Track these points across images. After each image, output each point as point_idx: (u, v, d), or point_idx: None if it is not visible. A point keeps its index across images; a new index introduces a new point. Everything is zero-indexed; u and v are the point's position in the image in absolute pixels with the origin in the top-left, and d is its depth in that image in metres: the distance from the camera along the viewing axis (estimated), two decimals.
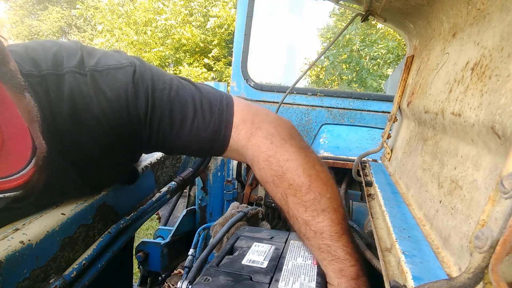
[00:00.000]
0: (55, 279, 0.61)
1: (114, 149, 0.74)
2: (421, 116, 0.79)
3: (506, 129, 0.39)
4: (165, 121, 0.74)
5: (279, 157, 0.73)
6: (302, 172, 0.72)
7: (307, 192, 0.70)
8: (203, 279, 0.66)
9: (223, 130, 0.77)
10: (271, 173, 0.73)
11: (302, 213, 0.70)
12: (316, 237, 0.69)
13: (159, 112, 0.73)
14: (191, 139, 0.77)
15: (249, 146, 0.76)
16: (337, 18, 11.97)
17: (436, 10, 0.77)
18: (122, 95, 0.69)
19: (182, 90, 0.76)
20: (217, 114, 0.77)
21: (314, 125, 2.14)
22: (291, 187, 0.71)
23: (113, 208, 0.84)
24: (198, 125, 0.75)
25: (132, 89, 0.70)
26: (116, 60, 0.72)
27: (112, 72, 0.70)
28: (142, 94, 0.71)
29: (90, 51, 0.72)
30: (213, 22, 10.95)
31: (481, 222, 0.32)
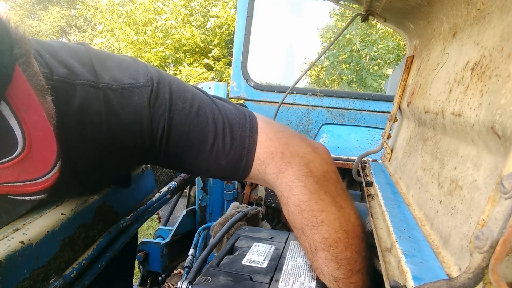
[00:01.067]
0: (55, 279, 0.61)
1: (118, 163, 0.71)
2: (421, 116, 0.79)
3: (506, 129, 0.39)
4: (182, 145, 0.69)
5: (313, 206, 0.66)
6: (339, 227, 0.65)
7: (344, 249, 0.64)
8: (203, 279, 0.66)
9: (244, 159, 0.70)
10: (302, 221, 0.67)
11: (333, 270, 0.64)
12: None
13: (176, 135, 0.68)
14: (210, 165, 0.71)
15: (278, 183, 0.70)
16: (337, 18, 11.97)
17: (436, 10, 0.77)
18: (137, 120, 0.65)
19: (203, 110, 0.70)
20: (239, 140, 0.70)
21: (314, 125, 2.14)
22: (325, 242, 0.65)
23: (113, 208, 0.84)
24: (217, 151, 0.69)
25: (148, 113, 0.65)
26: (132, 76, 0.66)
27: (126, 92, 0.65)
28: (159, 116, 0.66)
29: (103, 60, 0.66)
30: (213, 22, 10.95)
31: (481, 222, 0.32)
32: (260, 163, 0.70)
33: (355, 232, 0.67)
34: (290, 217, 0.69)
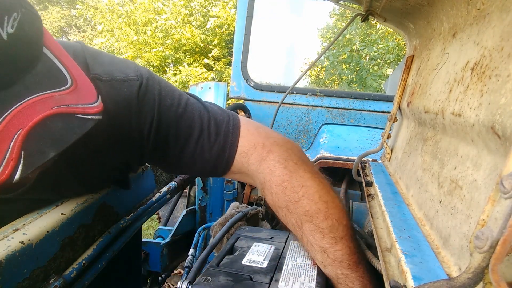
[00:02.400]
0: (55, 279, 0.61)
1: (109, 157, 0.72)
2: (421, 116, 0.79)
3: (506, 129, 0.39)
4: (170, 139, 0.72)
5: (294, 183, 0.71)
6: (319, 199, 0.70)
7: (325, 219, 0.69)
8: (203, 279, 0.66)
9: (227, 152, 0.75)
10: (285, 198, 0.71)
11: (319, 240, 0.69)
12: (334, 265, 0.67)
13: (165, 129, 0.71)
14: (195, 159, 0.75)
15: (260, 170, 0.74)
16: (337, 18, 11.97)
17: (436, 10, 0.77)
18: (125, 110, 0.67)
19: (190, 107, 0.74)
20: (223, 135, 0.75)
21: (314, 125, 2.14)
22: (307, 214, 0.69)
23: (113, 208, 0.84)
24: (203, 145, 0.74)
25: (136, 105, 0.68)
26: (122, 71, 0.69)
27: (116, 84, 0.67)
28: (147, 110, 0.69)
29: (95, 55, 0.68)
30: (213, 22, 10.95)
31: (481, 222, 0.32)
32: (244, 155, 0.75)
33: (334, 202, 0.72)
34: (274, 198, 0.73)
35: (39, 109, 0.42)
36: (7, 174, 0.40)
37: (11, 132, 0.40)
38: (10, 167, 0.40)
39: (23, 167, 0.41)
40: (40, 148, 0.42)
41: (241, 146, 0.75)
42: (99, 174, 0.76)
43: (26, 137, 0.41)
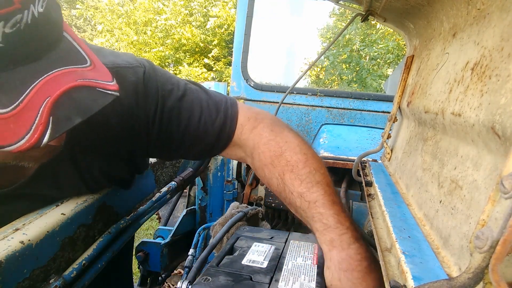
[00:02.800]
0: (55, 279, 0.61)
1: (116, 146, 0.75)
2: (421, 116, 0.79)
3: (506, 129, 0.39)
4: (173, 119, 0.78)
5: (279, 140, 0.80)
6: (299, 151, 0.78)
7: (304, 167, 0.75)
8: (203, 279, 0.66)
9: (229, 124, 0.82)
10: (270, 154, 0.79)
11: (297, 186, 0.74)
12: (310, 207, 0.72)
13: (168, 112, 0.77)
14: (198, 135, 0.80)
15: (251, 136, 0.83)
16: (337, 18, 11.97)
17: (436, 10, 0.77)
18: (132, 94, 0.72)
19: (189, 91, 0.81)
20: (223, 112, 0.82)
21: (314, 125, 2.14)
22: (289, 164, 0.76)
23: (113, 208, 0.84)
24: (205, 121, 0.80)
25: (143, 88, 0.73)
26: (125, 60, 0.74)
27: (121, 71, 0.71)
28: (152, 94, 0.75)
29: (97, 49, 0.73)
30: (213, 22, 10.95)
31: (481, 222, 0.32)
32: (240, 127, 0.83)
33: (314, 155, 0.80)
34: (261, 157, 0.81)
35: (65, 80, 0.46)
36: (37, 137, 0.43)
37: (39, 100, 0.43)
38: (39, 131, 0.43)
39: (51, 132, 0.44)
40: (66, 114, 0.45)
41: (239, 119, 0.84)
42: (101, 168, 0.76)
43: (54, 105, 0.44)
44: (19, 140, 0.43)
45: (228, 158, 1.67)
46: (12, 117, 0.43)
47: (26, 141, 0.43)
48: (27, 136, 0.43)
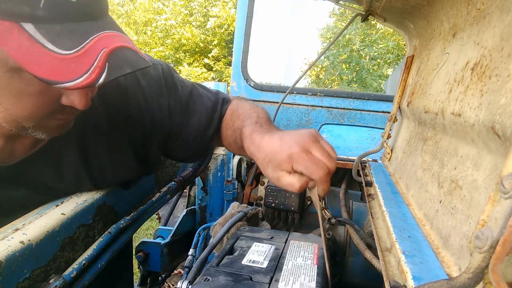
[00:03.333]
0: (55, 279, 0.61)
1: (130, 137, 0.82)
2: (421, 116, 0.79)
3: (506, 129, 0.39)
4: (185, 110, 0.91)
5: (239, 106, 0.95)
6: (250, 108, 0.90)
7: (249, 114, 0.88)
8: (203, 279, 0.66)
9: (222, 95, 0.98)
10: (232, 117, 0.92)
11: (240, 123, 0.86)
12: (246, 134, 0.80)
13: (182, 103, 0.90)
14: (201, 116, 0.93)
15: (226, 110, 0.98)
16: (337, 18, 11.98)
17: (436, 10, 0.77)
18: (155, 88, 0.84)
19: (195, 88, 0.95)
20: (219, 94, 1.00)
21: (314, 125, 2.14)
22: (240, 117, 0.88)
23: (113, 208, 0.84)
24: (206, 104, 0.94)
25: (163, 84, 0.86)
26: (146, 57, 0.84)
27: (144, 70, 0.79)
28: (170, 88, 0.87)
29: None
30: (213, 22, 10.95)
31: (481, 222, 0.32)
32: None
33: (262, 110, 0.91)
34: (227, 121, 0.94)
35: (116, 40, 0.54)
36: (93, 78, 0.50)
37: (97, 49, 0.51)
38: (96, 73, 0.50)
39: (106, 75, 0.51)
40: (118, 64, 0.53)
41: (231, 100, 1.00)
42: (110, 161, 0.79)
43: (109, 55, 0.51)
44: (77, 78, 0.49)
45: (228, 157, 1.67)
46: (74, 58, 0.49)
47: (83, 79, 0.49)
48: (85, 75, 0.49)
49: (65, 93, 0.57)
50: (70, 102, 0.58)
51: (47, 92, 0.55)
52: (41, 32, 0.48)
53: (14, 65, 0.50)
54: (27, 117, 0.57)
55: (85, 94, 0.57)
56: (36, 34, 0.47)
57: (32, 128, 0.60)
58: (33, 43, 0.47)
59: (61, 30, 0.49)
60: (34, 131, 0.61)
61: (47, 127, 0.62)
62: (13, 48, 0.47)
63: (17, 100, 0.55)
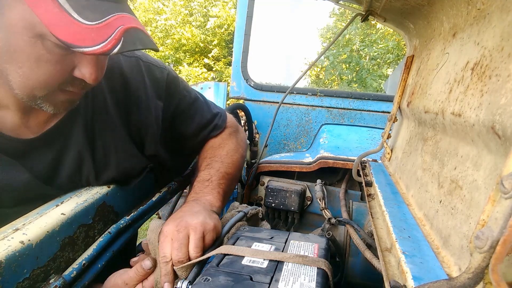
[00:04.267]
0: (55, 279, 0.61)
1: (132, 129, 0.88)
2: (421, 116, 0.79)
3: (506, 129, 0.39)
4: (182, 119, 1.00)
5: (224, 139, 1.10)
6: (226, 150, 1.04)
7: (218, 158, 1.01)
8: (203, 279, 0.66)
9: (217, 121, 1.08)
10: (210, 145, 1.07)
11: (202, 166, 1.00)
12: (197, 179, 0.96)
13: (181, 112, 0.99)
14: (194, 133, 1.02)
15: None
16: (337, 18, 11.98)
17: (436, 10, 0.77)
18: (156, 88, 0.91)
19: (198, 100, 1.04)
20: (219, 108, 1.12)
21: (314, 125, 2.14)
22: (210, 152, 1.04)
23: (113, 208, 0.84)
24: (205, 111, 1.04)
25: (165, 86, 0.93)
26: (155, 60, 0.95)
27: (152, 67, 0.92)
28: (172, 93, 0.96)
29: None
30: (213, 22, 10.95)
31: (481, 222, 0.32)
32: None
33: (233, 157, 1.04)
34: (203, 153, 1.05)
35: (133, 21, 0.61)
36: (110, 47, 0.56)
37: (116, 25, 0.58)
38: (112, 44, 0.57)
39: (120, 47, 0.57)
40: (132, 40, 0.60)
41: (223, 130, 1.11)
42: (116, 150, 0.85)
43: (125, 31, 0.58)
44: (95, 46, 0.56)
45: None
46: (94, 29, 0.56)
47: (100, 47, 0.56)
48: (102, 44, 0.56)
49: (78, 66, 0.63)
50: (81, 75, 0.63)
51: (63, 62, 0.61)
52: (69, 3, 0.55)
53: (40, 31, 0.56)
54: (41, 84, 0.62)
55: (95, 69, 0.63)
56: (65, 4, 0.54)
57: (42, 98, 0.64)
58: (61, 11, 0.54)
59: (86, 4, 0.56)
60: (43, 103, 0.65)
61: (55, 100, 0.66)
62: (43, 12, 0.53)
63: (36, 66, 0.59)
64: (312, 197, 1.43)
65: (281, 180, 1.49)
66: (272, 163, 1.52)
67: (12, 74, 0.60)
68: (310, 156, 1.58)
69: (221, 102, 4.13)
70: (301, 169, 1.46)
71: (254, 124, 2.16)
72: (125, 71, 0.86)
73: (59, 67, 0.61)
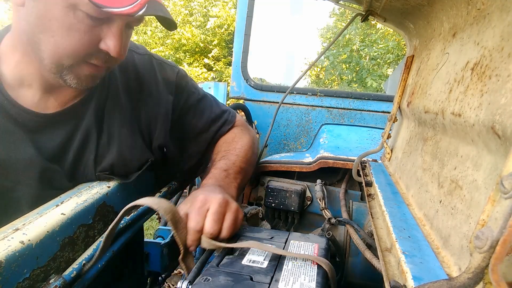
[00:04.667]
0: (55, 279, 0.61)
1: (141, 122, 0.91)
2: (421, 116, 0.79)
3: (506, 129, 0.39)
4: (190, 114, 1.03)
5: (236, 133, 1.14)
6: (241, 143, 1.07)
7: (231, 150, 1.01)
8: (203, 279, 0.66)
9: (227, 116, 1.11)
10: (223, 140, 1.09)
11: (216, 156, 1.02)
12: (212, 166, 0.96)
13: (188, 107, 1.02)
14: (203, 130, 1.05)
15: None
16: (337, 18, 11.98)
17: (436, 10, 0.77)
18: (167, 84, 0.96)
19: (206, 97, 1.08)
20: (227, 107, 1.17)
21: (314, 125, 2.14)
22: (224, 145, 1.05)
23: (113, 208, 0.84)
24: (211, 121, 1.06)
25: (175, 82, 0.98)
26: (166, 60, 1.03)
27: (164, 65, 0.99)
28: (182, 87, 1.01)
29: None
30: (213, 22, 10.96)
31: (481, 222, 0.32)
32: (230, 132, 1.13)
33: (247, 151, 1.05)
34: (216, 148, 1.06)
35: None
36: (135, 9, 0.64)
37: None
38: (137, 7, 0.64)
39: (144, 10, 0.65)
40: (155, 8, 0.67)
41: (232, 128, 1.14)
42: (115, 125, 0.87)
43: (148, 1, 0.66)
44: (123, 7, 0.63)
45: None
46: None
47: (127, 9, 0.63)
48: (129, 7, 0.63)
49: (103, 39, 0.69)
50: (106, 47, 0.69)
51: (91, 32, 0.67)
52: None
53: (73, 1, 0.62)
54: (69, 53, 0.67)
55: (119, 42, 0.69)
56: None
57: (68, 69, 0.70)
58: None
59: None
60: (67, 75, 0.71)
61: (79, 73, 0.72)
62: None
63: (67, 34, 0.65)
64: (312, 197, 1.43)
65: (281, 180, 1.49)
66: (272, 163, 1.52)
67: (45, 43, 0.66)
68: (310, 156, 1.58)
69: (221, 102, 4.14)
70: (301, 169, 1.46)
71: (254, 124, 2.16)
72: (139, 66, 0.92)
73: (87, 37, 0.67)
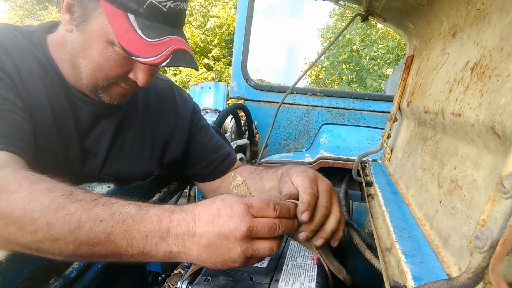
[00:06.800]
0: (55, 279, 0.61)
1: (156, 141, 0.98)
2: (421, 116, 0.79)
3: (506, 129, 0.39)
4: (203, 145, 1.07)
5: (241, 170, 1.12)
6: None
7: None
8: (203, 279, 0.66)
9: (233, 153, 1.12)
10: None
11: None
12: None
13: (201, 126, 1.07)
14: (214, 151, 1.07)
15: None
16: (337, 18, 11.99)
17: (436, 10, 0.77)
18: (185, 107, 1.04)
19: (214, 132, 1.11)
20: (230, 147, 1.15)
21: (314, 125, 2.14)
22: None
23: None
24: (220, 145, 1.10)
25: (192, 106, 1.07)
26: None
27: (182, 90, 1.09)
28: (196, 112, 1.08)
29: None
30: (213, 22, 10.96)
31: (481, 222, 0.32)
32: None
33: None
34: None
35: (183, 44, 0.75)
36: (160, 60, 0.69)
37: (168, 44, 0.71)
38: (162, 58, 0.70)
39: (168, 62, 0.70)
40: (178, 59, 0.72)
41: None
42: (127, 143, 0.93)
43: (175, 51, 0.71)
44: (149, 57, 0.69)
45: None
46: (151, 45, 0.70)
47: (153, 59, 0.69)
48: (155, 57, 0.69)
49: (134, 70, 0.77)
50: (135, 77, 0.77)
51: (123, 64, 0.75)
52: (137, 22, 0.69)
53: (112, 39, 0.70)
54: (104, 77, 0.76)
55: (146, 75, 0.77)
56: (134, 23, 0.69)
57: (102, 89, 0.78)
58: (130, 27, 0.69)
59: (150, 25, 0.70)
60: (102, 93, 0.80)
61: (111, 92, 0.80)
62: (117, 26, 0.68)
63: (104, 63, 0.74)
64: None
65: None
66: (272, 163, 1.52)
67: (83, 67, 0.76)
68: (310, 156, 1.58)
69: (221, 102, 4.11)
70: None
71: (254, 124, 2.16)
72: (160, 90, 1.01)
73: (120, 67, 0.75)
